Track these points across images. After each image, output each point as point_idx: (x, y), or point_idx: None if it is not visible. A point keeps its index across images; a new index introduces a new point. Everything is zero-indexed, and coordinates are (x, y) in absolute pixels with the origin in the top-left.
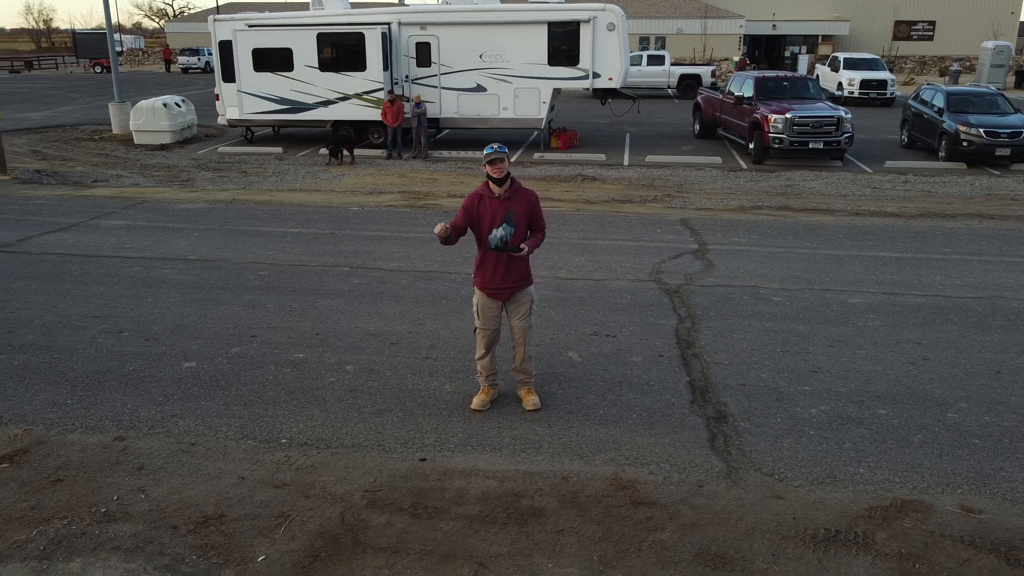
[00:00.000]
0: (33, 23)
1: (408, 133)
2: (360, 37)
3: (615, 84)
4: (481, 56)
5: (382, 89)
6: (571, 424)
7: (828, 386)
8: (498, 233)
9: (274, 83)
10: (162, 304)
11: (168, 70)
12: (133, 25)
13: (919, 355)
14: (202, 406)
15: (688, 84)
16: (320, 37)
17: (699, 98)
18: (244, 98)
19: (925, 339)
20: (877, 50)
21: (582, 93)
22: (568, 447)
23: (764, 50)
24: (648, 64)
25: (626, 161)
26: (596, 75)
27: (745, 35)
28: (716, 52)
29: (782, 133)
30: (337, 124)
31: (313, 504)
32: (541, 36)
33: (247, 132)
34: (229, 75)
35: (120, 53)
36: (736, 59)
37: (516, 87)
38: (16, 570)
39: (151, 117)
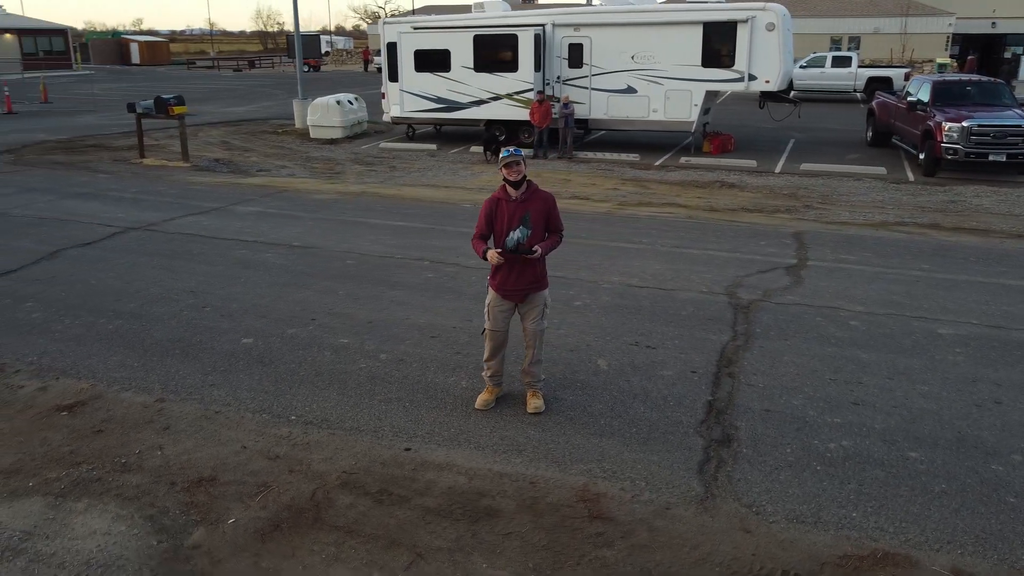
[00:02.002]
0: (262, 26)
1: (556, 134)
2: (514, 39)
3: (772, 87)
4: (633, 57)
5: (532, 89)
6: (565, 431)
7: (863, 420)
8: (514, 235)
9: (432, 83)
10: (250, 284)
11: (366, 69)
12: (352, 27)
13: (991, 397)
14: (240, 379)
15: (877, 88)
16: (476, 39)
17: (874, 103)
18: (405, 97)
19: (1008, 381)
20: None
21: (754, 96)
22: (550, 453)
23: (980, 51)
24: (832, 66)
25: (778, 168)
26: (752, 77)
27: (955, 34)
28: (917, 53)
29: (957, 143)
30: (490, 123)
31: (294, 479)
32: (696, 37)
33: (409, 129)
34: (394, 75)
35: (326, 54)
36: (941, 60)
37: (667, 89)
38: (36, 503)
39: (325, 113)
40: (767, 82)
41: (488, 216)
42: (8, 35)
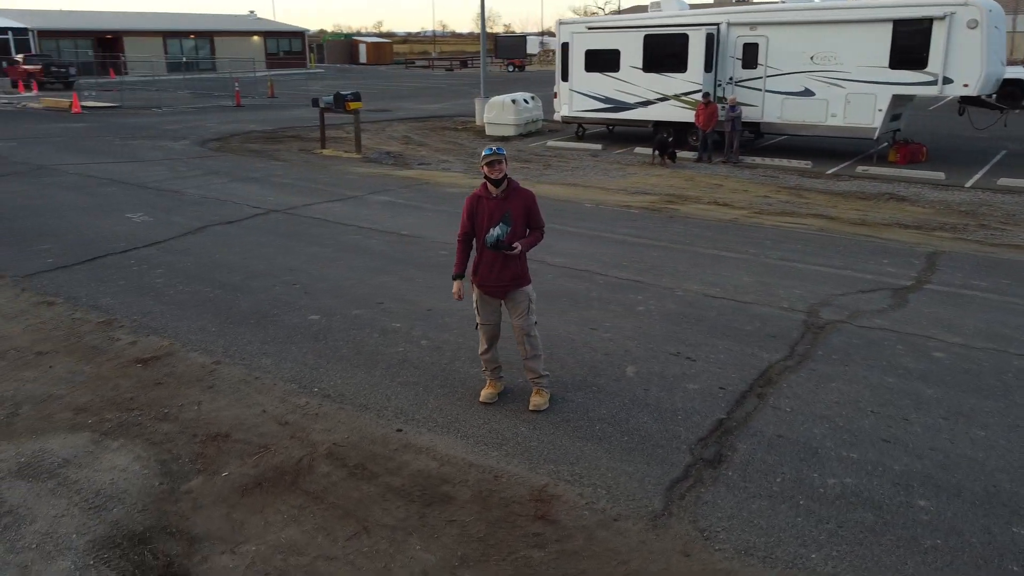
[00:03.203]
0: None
1: (724, 137)
2: (684, 38)
3: (971, 91)
4: (812, 58)
5: (700, 90)
6: (556, 431)
7: (884, 459)
8: (494, 232)
9: (600, 82)
10: (344, 267)
11: None
12: None
13: None
14: (289, 350)
15: None
16: (647, 39)
17: None
18: (574, 96)
19: None
20: None
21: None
22: (528, 450)
23: None
24: None
25: (970, 183)
26: (947, 80)
27: None
28: None
29: None
30: (658, 125)
31: (291, 444)
32: (884, 36)
33: (579, 129)
34: (566, 75)
35: (533, 55)
36: None
37: (848, 92)
38: (84, 437)
39: (500, 111)
40: (965, 86)
41: (470, 214)
42: (255, 37)
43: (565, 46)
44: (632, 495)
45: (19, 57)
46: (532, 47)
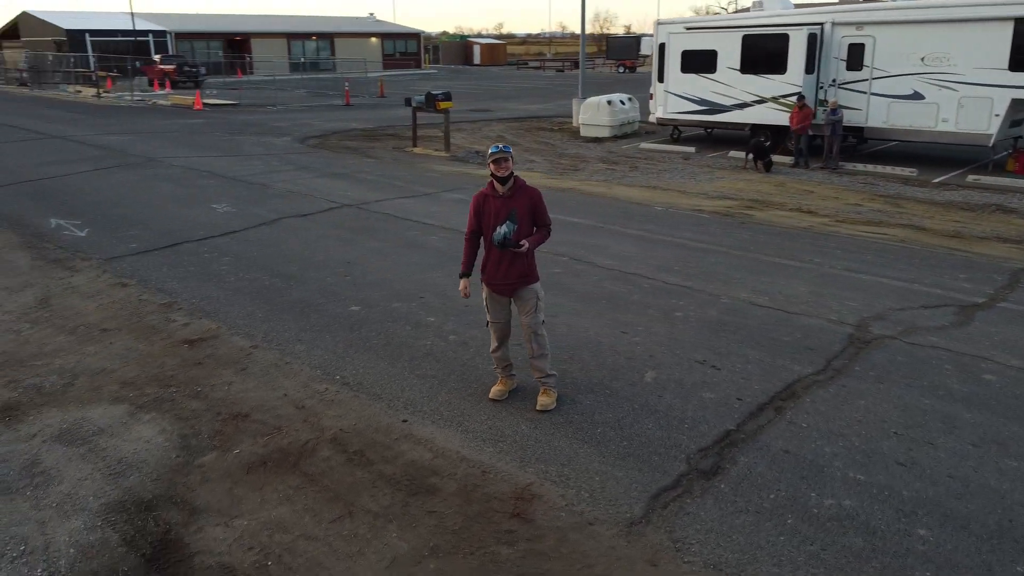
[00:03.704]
0: (599, 28)
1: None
2: (784, 39)
3: None
4: (923, 59)
5: (799, 93)
6: (556, 432)
7: (894, 483)
8: (501, 230)
9: (696, 84)
10: (395, 261)
11: None
12: None
13: None
14: (323, 339)
15: None
16: (745, 39)
17: None
18: (669, 98)
19: None
20: None
21: None
22: (523, 448)
23: None
24: None
25: None
26: None
27: None
28: None
29: None
30: (755, 128)
31: (301, 428)
32: (1004, 35)
33: (674, 131)
34: (663, 76)
35: (647, 56)
36: None
37: (962, 96)
38: (122, 409)
39: (595, 112)
40: None
41: (476, 212)
42: (373, 39)
43: (662, 47)
44: (614, 500)
45: (156, 57)
46: (646, 48)
